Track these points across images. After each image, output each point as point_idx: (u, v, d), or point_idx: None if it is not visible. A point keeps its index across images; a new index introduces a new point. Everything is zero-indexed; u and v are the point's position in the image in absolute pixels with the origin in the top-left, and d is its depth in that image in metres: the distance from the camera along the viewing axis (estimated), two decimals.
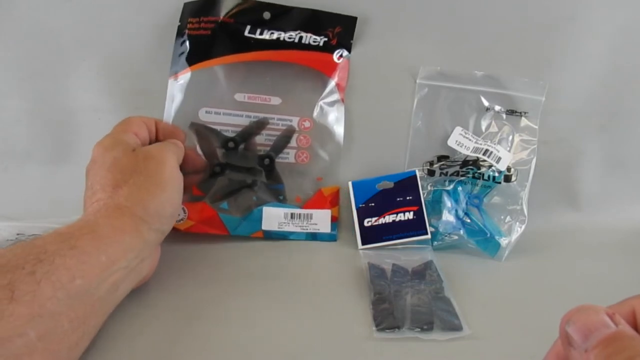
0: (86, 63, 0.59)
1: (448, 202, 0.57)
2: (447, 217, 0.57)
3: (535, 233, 0.58)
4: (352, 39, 0.58)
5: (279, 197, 0.58)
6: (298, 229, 0.57)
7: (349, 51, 0.58)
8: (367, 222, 0.57)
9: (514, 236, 0.56)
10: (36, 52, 0.59)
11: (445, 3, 0.58)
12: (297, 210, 0.57)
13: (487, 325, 0.43)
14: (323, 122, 0.58)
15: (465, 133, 0.59)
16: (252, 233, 0.57)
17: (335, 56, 0.58)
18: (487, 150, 0.57)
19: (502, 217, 0.57)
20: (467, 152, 0.58)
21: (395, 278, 0.49)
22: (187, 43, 0.56)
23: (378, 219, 0.57)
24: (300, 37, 0.57)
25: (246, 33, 0.57)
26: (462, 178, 0.58)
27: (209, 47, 0.57)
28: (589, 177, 0.63)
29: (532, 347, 0.32)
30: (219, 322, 0.43)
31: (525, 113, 0.59)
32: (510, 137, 0.59)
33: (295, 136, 0.58)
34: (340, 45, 0.58)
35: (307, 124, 0.58)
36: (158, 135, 0.52)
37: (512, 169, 0.58)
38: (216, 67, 0.57)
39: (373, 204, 0.57)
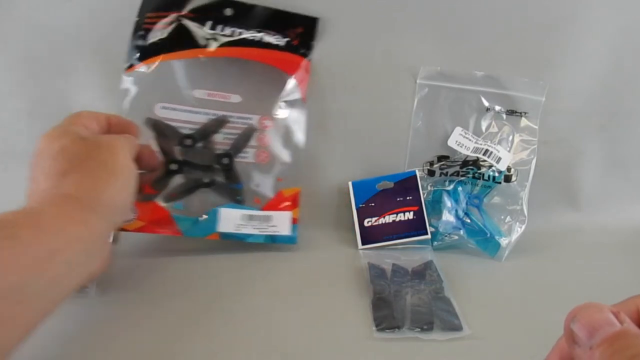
0: (86, 63, 0.59)
1: (448, 202, 0.57)
2: (447, 217, 0.57)
3: (535, 233, 0.58)
4: (312, 40, 0.57)
5: (237, 198, 0.55)
6: (256, 231, 0.54)
7: (310, 51, 0.57)
8: (367, 222, 0.57)
9: (514, 236, 0.56)
10: (36, 52, 0.58)
11: (445, 3, 0.58)
12: (255, 212, 0.55)
13: (487, 325, 0.43)
14: (284, 121, 0.56)
15: (466, 133, 0.59)
16: (207, 235, 0.53)
17: (296, 56, 0.57)
18: (487, 151, 0.57)
19: (502, 217, 0.57)
20: (467, 152, 0.58)
21: (395, 278, 0.49)
22: (145, 36, 0.55)
23: (378, 219, 0.57)
24: (262, 36, 0.56)
25: (207, 29, 0.56)
26: (462, 178, 0.58)
27: (167, 42, 0.55)
28: (589, 177, 0.64)
29: (532, 347, 0.32)
30: (218, 320, 0.43)
31: (525, 113, 0.59)
32: (510, 137, 0.59)
33: (255, 135, 0.56)
34: (301, 46, 0.57)
35: (267, 122, 0.56)
36: (110, 131, 0.47)
37: (512, 169, 0.58)
38: (174, 62, 0.55)
39: (373, 204, 0.57)
